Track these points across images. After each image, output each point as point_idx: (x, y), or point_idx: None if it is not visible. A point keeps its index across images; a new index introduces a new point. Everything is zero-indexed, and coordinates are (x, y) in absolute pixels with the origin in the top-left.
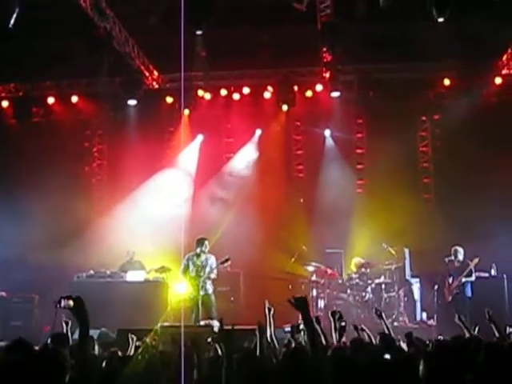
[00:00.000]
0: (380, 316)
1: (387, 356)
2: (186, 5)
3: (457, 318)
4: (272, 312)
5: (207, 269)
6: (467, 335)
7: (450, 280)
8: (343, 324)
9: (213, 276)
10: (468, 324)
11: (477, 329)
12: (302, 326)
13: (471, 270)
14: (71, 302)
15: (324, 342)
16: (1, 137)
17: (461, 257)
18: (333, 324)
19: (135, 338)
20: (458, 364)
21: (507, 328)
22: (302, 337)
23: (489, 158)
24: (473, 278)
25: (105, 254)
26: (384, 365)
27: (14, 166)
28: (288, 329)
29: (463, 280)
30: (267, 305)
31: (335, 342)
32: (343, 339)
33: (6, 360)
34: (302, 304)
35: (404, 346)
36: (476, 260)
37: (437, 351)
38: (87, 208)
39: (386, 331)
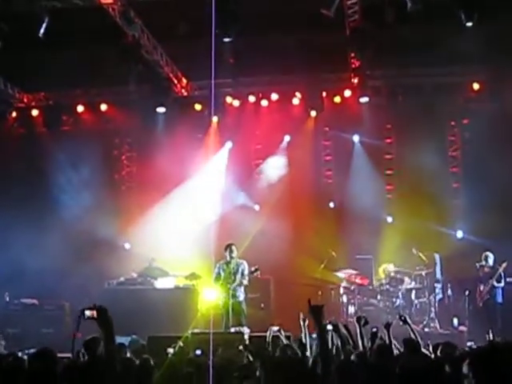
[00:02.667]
0: (405, 321)
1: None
2: (214, 12)
3: None
4: (307, 322)
5: (238, 275)
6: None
7: (481, 286)
8: (374, 330)
9: (245, 282)
10: (498, 330)
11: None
12: (329, 327)
13: (501, 274)
14: (95, 313)
15: (352, 348)
16: (32, 145)
17: (491, 262)
18: (358, 330)
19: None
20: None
21: None
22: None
23: None
24: (502, 284)
25: (135, 261)
26: (409, 371)
27: (45, 174)
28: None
29: (495, 284)
30: (302, 316)
31: (361, 347)
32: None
33: (29, 368)
34: (316, 312)
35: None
36: (504, 264)
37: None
38: (117, 215)
39: (413, 336)
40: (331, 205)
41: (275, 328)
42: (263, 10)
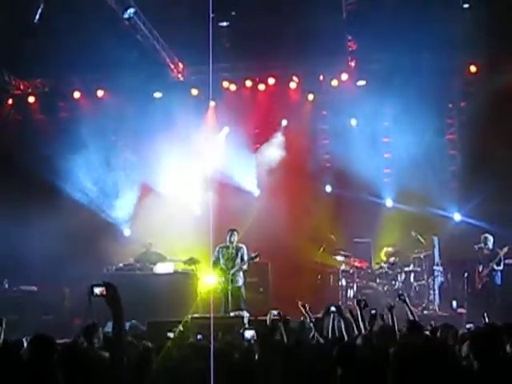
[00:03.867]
0: (404, 301)
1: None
2: None
3: None
4: (307, 307)
5: (237, 260)
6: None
7: (480, 268)
8: (373, 312)
9: (244, 267)
10: (498, 311)
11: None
12: (332, 309)
13: (500, 258)
14: (104, 290)
15: (356, 330)
16: (29, 132)
17: (490, 244)
18: (359, 312)
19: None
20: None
21: None
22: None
23: None
24: (501, 267)
25: (134, 247)
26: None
27: (44, 161)
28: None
29: (495, 267)
30: (300, 304)
31: (363, 330)
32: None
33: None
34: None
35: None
36: (506, 249)
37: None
38: (115, 201)
39: (410, 316)
40: (328, 189)
41: (275, 312)
42: None
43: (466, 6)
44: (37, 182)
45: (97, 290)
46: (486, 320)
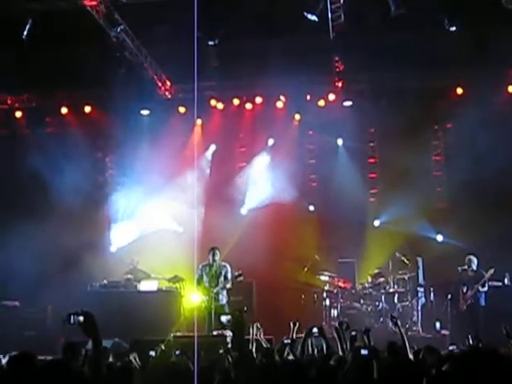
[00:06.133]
0: (396, 324)
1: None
2: (198, 15)
3: None
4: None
5: (221, 278)
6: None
7: (465, 289)
8: (354, 334)
9: (228, 286)
10: (482, 333)
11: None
12: (314, 330)
13: (485, 280)
14: (81, 318)
15: (340, 351)
16: (16, 147)
17: (474, 266)
18: (336, 334)
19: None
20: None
21: None
22: (313, 343)
23: (502, 165)
24: (486, 288)
25: (119, 264)
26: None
27: (28, 176)
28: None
29: (480, 289)
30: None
31: (340, 351)
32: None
33: (8, 372)
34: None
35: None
36: (491, 271)
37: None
38: (101, 218)
39: (401, 339)
40: (311, 208)
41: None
42: (248, 13)
43: (452, 28)
44: (22, 197)
45: (74, 319)
46: (471, 342)
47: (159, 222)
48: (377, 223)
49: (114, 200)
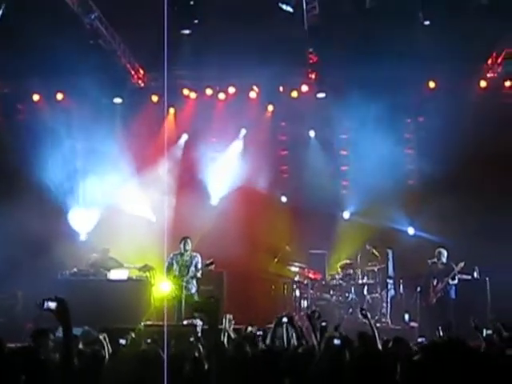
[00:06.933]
0: (365, 316)
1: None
2: (173, 4)
3: None
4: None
5: (192, 268)
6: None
7: (435, 282)
8: (324, 324)
9: (198, 275)
10: (452, 325)
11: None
12: (284, 320)
13: (455, 273)
14: (55, 304)
15: (296, 342)
16: None
17: (444, 259)
18: (309, 322)
19: (107, 338)
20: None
21: (484, 330)
22: (283, 333)
23: (473, 159)
24: (455, 281)
25: (89, 252)
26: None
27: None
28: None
29: (450, 282)
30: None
31: (315, 342)
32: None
33: None
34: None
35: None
36: (461, 264)
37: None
38: (72, 206)
39: (371, 331)
40: (283, 199)
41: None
42: (222, 2)
43: (426, 22)
44: None
45: (48, 305)
46: (441, 334)
47: (131, 211)
48: (347, 215)
49: (85, 188)
